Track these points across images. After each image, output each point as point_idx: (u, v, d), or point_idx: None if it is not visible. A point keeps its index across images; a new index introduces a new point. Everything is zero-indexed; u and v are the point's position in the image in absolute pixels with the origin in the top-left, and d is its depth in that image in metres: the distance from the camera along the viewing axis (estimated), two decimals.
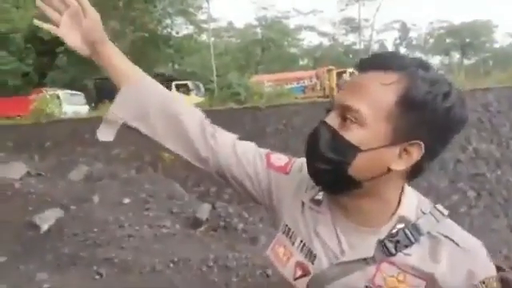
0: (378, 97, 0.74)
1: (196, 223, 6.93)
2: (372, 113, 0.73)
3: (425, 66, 0.76)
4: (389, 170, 0.76)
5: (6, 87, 26.87)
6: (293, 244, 0.89)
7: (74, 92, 21.60)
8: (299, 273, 0.86)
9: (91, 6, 0.94)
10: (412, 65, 0.75)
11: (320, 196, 0.89)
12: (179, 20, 32.58)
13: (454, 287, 0.76)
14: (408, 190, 0.84)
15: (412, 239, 0.77)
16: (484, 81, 13.03)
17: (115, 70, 1.01)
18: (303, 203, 0.91)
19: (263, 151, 1.03)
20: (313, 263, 0.84)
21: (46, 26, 0.98)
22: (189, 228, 6.83)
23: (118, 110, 0.98)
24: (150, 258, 5.44)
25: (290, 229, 0.91)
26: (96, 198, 7.43)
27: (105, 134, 0.98)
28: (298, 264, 0.86)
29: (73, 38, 0.96)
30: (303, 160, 0.95)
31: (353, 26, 39.73)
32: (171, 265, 5.36)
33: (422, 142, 0.75)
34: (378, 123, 0.74)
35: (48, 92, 18.96)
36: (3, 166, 8.62)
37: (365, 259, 0.79)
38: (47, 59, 27.68)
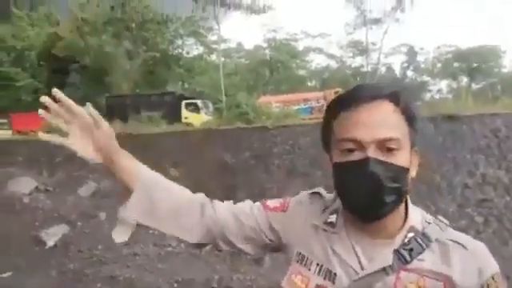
0: (398, 122, 0.85)
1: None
2: (402, 136, 0.84)
3: (400, 87, 0.90)
4: None
5: (19, 103, 27.38)
6: (309, 269, 0.92)
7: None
8: None
9: (103, 120, 0.97)
10: (394, 89, 0.87)
11: (333, 218, 0.94)
12: (190, 41, 33.23)
13: (468, 286, 0.82)
14: (411, 204, 0.92)
15: (424, 246, 0.85)
16: (492, 106, 13.00)
17: (128, 175, 1.04)
18: (317, 226, 0.95)
19: (258, 202, 1.08)
20: (333, 282, 0.87)
21: (52, 137, 0.98)
22: (194, 248, 6.81)
23: (131, 211, 1.01)
24: (154, 278, 5.43)
25: (304, 256, 0.94)
26: (103, 215, 7.46)
27: (120, 235, 1.02)
28: (318, 287, 0.89)
29: (83, 148, 0.97)
30: (299, 196, 1.04)
31: (360, 49, 40.03)
32: (175, 284, 5.34)
33: (416, 148, 0.89)
34: (407, 142, 0.86)
35: None
36: (13, 181, 8.73)
37: (384, 269, 0.84)
38: (60, 76, 28.19)
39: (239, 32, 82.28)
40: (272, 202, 1.06)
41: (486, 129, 10.62)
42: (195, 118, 19.88)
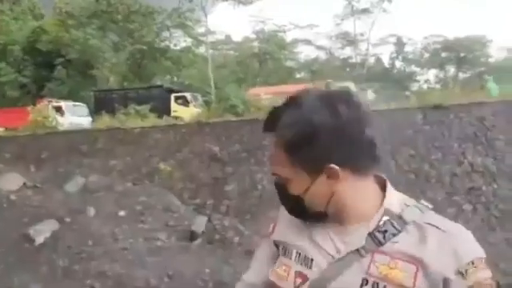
0: (280, 157, 0.89)
1: (192, 236, 6.89)
2: (286, 170, 0.89)
3: (293, 107, 0.87)
4: (333, 192, 0.88)
5: (3, 98, 26.89)
6: (290, 258, 0.95)
7: (77, 103, 21.63)
8: (299, 281, 0.91)
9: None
10: (280, 119, 0.88)
11: None
12: (177, 33, 32.82)
13: (442, 269, 0.80)
14: (390, 188, 0.93)
15: (398, 228, 0.85)
16: (479, 95, 13.15)
17: None
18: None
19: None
20: (310, 268, 0.90)
21: None
22: (184, 241, 6.79)
23: None
24: (144, 272, 5.41)
25: (285, 247, 0.98)
26: (91, 210, 7.39)
27: None
28: (297, 273, 0.92)
29: None
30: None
31: (349, 39, 40.11)
32: (166, 279, 5.33)
33: (330, 164, 0.84)
34: (294, 173, 0.88)
35: (52, 103, 19.02)
36: (0, 178, 8.59)
37: (358, 251, 0.86)
38: (45, 71, 27.71)
39: (227, 24, 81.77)
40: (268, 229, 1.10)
41: (473, 117, 10.74)
42: (184, 111, 19.76)
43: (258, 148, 11.67)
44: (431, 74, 45.54)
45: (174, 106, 21.30)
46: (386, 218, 0.87)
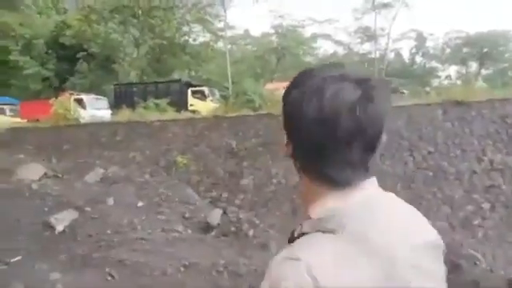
0: None
1: (207, 228, 6.99)
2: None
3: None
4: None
5: (26, 91, 27.59)
6: None
7: (97, 96, 22.00)
8: None
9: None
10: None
11: None
12: (197, 28, 32.99)
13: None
14: (330, 196, 0.83)
15: (300, 234, 0.82)
16: (502, 91, 12.84)
17: None
18: None
19: None
20: None
21: None
22: (200, 233, 6.89)
23: None
24: (161, 262, 5.51)
25: None
26: (111, 201, 7.56)
27: None
28: None
29: None
30: None
31: (368, 34, 39.42)
32: (182, 269, 5.42)
33: (290, 142, 0.87)
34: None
35: (73, 96, 19.43)
36: (22, 168, 8.86)
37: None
38: (68, 65, 28.29)
39: (246, 19, 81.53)
40: None
41: (496, 114, 10.50)
42: (201, 106, 19.92)
43: (274, 143, 11.68)
44: (452, 69, 44.59)
45: (191, 99, 21.47)
46: (303, 222, 0.85)
